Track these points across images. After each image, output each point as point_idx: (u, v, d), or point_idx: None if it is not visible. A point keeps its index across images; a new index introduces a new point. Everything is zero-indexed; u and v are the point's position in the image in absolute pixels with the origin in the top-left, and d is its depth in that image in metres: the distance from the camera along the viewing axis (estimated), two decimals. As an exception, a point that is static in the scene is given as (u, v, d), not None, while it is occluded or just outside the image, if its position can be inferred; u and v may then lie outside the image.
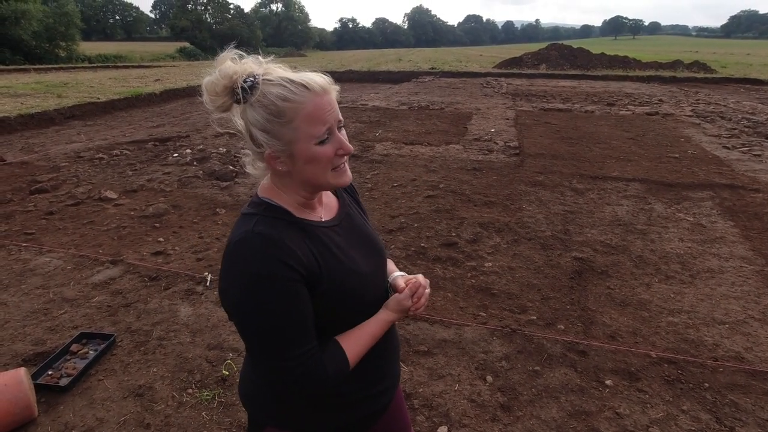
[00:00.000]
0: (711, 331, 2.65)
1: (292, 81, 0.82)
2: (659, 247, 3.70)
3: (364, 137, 7.58)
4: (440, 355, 2.43)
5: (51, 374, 2.24)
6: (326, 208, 0.99)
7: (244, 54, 0.87)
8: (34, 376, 2.18)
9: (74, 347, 2.42)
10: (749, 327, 2.68)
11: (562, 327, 2.68)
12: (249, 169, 0.95)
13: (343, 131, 0.90)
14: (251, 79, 0.83)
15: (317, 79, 0.84)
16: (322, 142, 0.85)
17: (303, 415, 0.97)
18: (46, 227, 4.08)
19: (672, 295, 3.02)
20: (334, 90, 0.87)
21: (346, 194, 1.08)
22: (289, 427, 0.97)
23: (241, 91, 0.83)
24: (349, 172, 0.93)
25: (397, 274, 1.09)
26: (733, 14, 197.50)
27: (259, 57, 0.88)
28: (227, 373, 2.28)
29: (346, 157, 0.90)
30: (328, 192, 1.03)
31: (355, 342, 0.92)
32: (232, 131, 0.94)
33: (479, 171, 5.72)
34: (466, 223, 4.12)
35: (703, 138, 7.65)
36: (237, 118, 0.88)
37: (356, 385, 0.97)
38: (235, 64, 0.84)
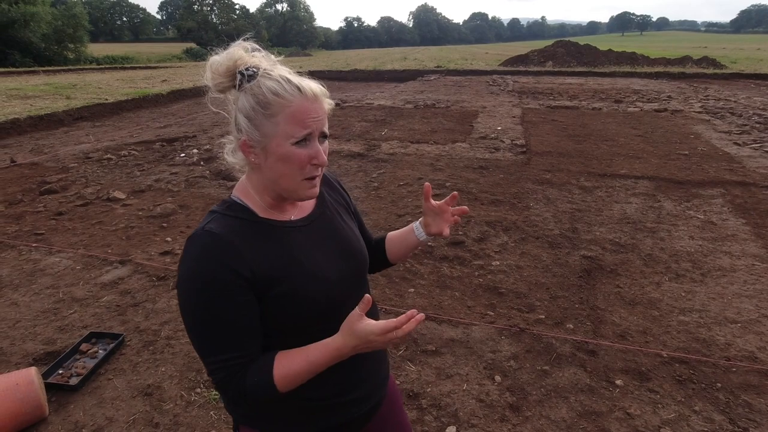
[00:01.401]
0: (723, 330, 2.61)
1: (288, 80, 0.84)
2: (669, 246, 3.66)
3: (370, 136, 7.57)
4: (448, 355, 2.42)
5: (61, 373, 2.26)
6: (299, 208, 0.97)
7: (259, 48, 0.88)
8: (45, 376, 2.20)
9: (84, 347, 2.44)
10: (762, 326, 2.64)
11: (571, 326, 2.66)
12: (227, 156, 0.94)
13: (326, 144, 0.89)
14: (254, 69, 0.84)
15: (312, 85, 0.85)
16: (298, 144, 0.84)
17: (272, 417, 0.95)
18: (55, 227, 4.12)
19: (683, 294, 2.98)
20: (327, 102, 0.87)
21: (328, 193, 1.04)
22: (260, 428, 0.96)
23: (239, 77, 0.84)
24: (317, 187, 0.90)
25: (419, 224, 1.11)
26: (743, 9, 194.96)
27: (272, 56, 0.89)
28: (235, 372, 2.29)
29: (320, 169, 0.88)
30: None
31: (288, 365, 0.84)
32: (219, 111, 0.93)
33: (486, 169, 5.69)
34: (473, 221, 4.10)
35: (713, 134, 7.56)
36: (230, 103, 0.89)
37: (325, 392, 0.94)
38: (245, 53, 0.86)
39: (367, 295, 0.83)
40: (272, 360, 0.86)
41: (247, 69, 0.84)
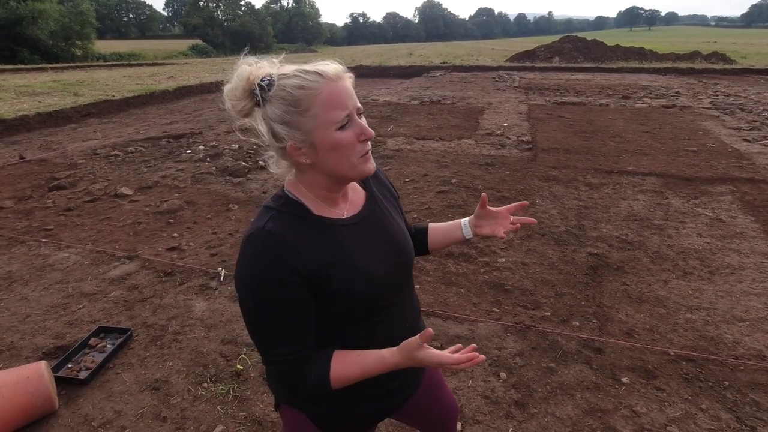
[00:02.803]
0: (731, 328, 2.59)
1: (306, 70, 0.84)
2: (677, 243, 3.63)
3: (376, 132, 7.47)
4: (453, 351, 2.42)
5: (71, 367, 2.29)
6: (351, 203, 0.98)
7: (259, 58, 0.88)
8: (55, 369, 2.23)
9: (93, 341, 2.47)
10: (771, 324, 2.61)
11: (577, 324, 2.65)
12: (273, 168, 0.95)
13: (363, 119, 0.89)
14: (268, 78, 0.84)
15: (331, 65, 0.85)
16: (342, 128, 0.84)
17: (314, 401, 0.98)
18: (64, 223, 4.16)
19: (690, 292, 2.96)
20: (348, 77, 0.87)
21: (377, 188, 1.05)
22: (301, 409, 1.00)
23: (260, 90, 0.84)
24: (372, 161, 0.91)
25: (469, 222, 1.14)
26: (754, 3, 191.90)
27: (273, 58, 0.89)
28: (241, 367, 2.31)
29: (369, 143, 0.89)
30: (356, 186, 1.01)
31: (346, 367, 0.89)
32: (245, 130, 0.95)
33: (492, 166, 5.67)
34: (479, 218, 4.08)
35: (722, 131, 7.47)
36: (259, 122, 0.89)
37: (367, 381, 0.96)
38: (252, 67, 0.86)
39: (429, 329, 0.87)
40: (329, 361, 0.89)
41: (261, 80, 0.84)
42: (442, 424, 1.26)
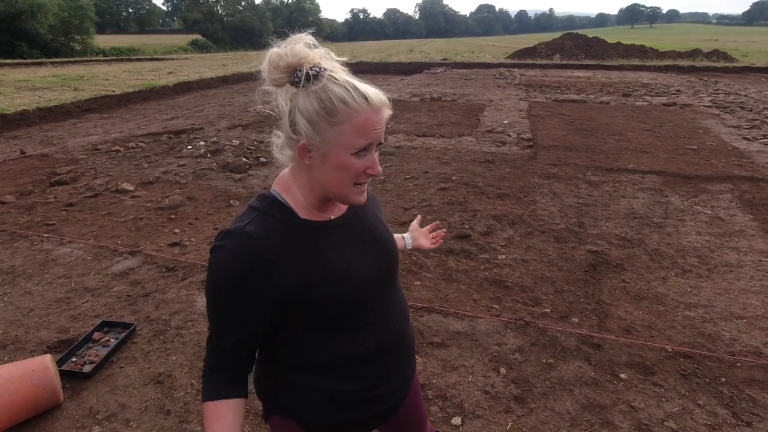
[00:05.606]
0: (728, 325, 2.62)
1: (355, 88, 0.82)
2: (676, 241, 3.65)
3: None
4: (454, 347, 2.45)
5: (75, 361, 2.31)
6: (338, 207, 0.97)
7: (318, 45, 0.85)
8: (59, 363, 2.25)
9: (96, 335, 2.49)
10: (768, 322, 2.64)
11: (576, 320, 2.67)
12: (275, 152, 0.93)
13: (377, 153, 0.89)
14: (317, 69, 0.82)
15: (380, 95, 0.84)
16: (356, 154, 0.84)
17: (304, 409, 0.96)
18: (66, 218, 4.17)
19: (689, 289, 2.99)
20: (387, 111, 0.86)
21: None
22: (292, 418, 0.97)
23: (304, 75, 0.81)
24: (365, 194, 0.91)
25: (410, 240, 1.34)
26: (756, 0, 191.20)
27: (332, 53, 0.87)
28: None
29: (369, 178, 0.89)
30: None
31: (208, 417, 0.88)
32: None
33: (492, 163, 5.69)
34: (479, 215, 4.11)
35: (722, 129, 7.48)
36: (282, 98, 0.87)
37: (356, 386, 0.96)
38: (309, 49, 0.83)
39: None
40: (217, 396, 0.88)
41: (311, 68, 0.82)
42: None
